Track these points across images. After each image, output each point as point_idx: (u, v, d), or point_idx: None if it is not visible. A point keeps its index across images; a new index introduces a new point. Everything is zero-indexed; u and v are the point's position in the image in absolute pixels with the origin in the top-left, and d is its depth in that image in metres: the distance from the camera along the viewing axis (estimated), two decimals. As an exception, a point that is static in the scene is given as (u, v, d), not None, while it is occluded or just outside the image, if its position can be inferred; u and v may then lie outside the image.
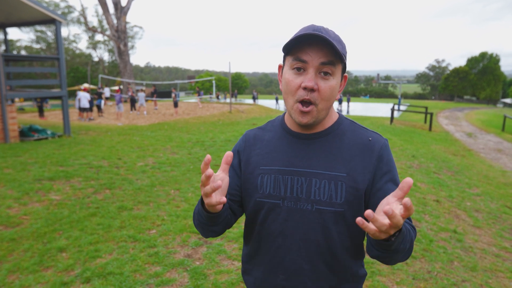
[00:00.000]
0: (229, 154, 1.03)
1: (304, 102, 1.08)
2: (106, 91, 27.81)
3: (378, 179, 1.12)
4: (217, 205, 0.99)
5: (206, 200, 0.99)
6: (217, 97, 39.42)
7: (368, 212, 0.80)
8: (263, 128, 1.29)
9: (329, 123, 1.18)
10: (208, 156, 0.94)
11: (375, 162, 1.12)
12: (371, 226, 0.84)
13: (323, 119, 1.13)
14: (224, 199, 0.96)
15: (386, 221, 0.82)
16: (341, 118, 1.21)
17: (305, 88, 1.06)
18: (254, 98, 40.83)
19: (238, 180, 1.24)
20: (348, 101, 37.89)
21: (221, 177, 1.03)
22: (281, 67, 1.19)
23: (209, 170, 0.93)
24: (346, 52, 1.11)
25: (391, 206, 0.85)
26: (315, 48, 1.05)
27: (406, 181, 0.83)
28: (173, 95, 20.41)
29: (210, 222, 1.11)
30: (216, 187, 0.92)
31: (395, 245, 0.93)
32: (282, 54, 1.15)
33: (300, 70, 1.07)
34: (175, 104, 19.74)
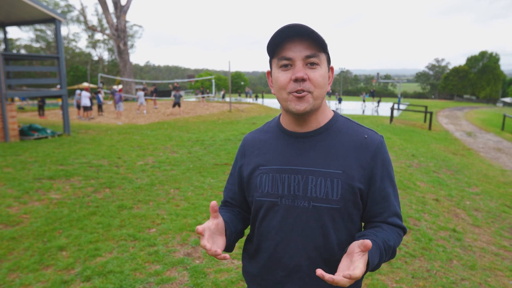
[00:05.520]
0: (214, 204, 1.05)
1: (298, 92, 1.09)
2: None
3: (374, 178, 1.14)
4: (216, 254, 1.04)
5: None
6: (223, 96, 39.40)
7: (327, 277, 0.90)
8: (261, 130, 1.32)
9: (324, 120, 1.19)
10: (213, 204, 1.04)
11: (370, 160, 1.14)
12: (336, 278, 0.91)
13: (318, 108, 1.15)
14: (219, 251, 0.99)
15: (345, 280, 0.90)
16: (336, 116, 1.22)
17: (296, 80, 1.08)
18: (249, 95, 41.07)
19: (242, 186, 1.31)
20: (340, 101, 36.95)
21: (214, 223, 1.08)
22: (269, 73, 1.21)
23: (199, 228, 1.00)
24: (327, 45, 1.15)
25: (352, 264, 0.95)
26: (297, 42, 1.08)
27: (366, 244, 0.92)
28: (172, 93, 20.26)
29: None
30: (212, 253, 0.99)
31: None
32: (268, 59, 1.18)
33: (287, 66, 1.10)
34: (174, 105, 19.63)
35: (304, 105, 1.09)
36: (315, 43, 1.07)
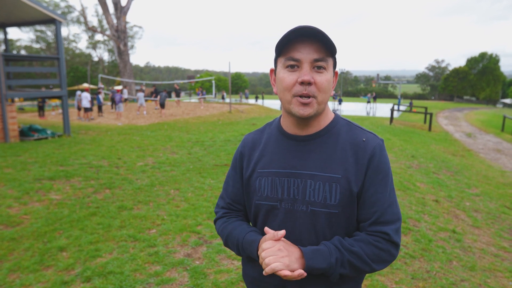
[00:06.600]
0: (282, 233, 1.08)
1: (303, 96, 1.07)
2: (125, 93, 25.73)
3: (368, 181, 1.11)
4: None
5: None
6: (222, 97, 39.66)
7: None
8: (261, 131, 1.31)
9: (325, 122, 1.18)
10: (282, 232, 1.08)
11: (367, 163, 1.11)
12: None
13: (321, 112, 1.13)
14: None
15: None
16: (337, 118, 1.21)
17: (302, 83, 1.06)
18: (245, 97, 41.83)
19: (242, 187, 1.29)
20: (340, 102, 36.84)
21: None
22: (272, 71, 1.19)
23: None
24: (336, 50, 1.12)
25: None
26: (306, 44, 1.06)
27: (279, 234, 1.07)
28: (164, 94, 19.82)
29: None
30: None
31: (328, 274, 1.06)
32: (274, 56, 1.15)
33: (294, 67, 1.07)
34: (162, 106, 19.46)
35: (309, 110, 1.08)
36: (324, 47, 1.06)
